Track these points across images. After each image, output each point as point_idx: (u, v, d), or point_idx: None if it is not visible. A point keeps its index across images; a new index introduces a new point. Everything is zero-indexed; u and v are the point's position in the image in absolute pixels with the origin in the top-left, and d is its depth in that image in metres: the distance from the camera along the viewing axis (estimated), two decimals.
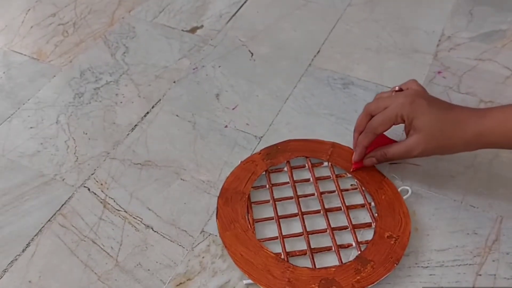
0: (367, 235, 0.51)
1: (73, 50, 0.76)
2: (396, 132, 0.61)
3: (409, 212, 0.52)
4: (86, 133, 0.63)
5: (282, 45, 0.76)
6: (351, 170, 0.56)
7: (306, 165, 0.58)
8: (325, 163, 0.58)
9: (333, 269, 0.48)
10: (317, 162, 0.58)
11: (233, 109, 0.66)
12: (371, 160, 0.56)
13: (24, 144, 0.62)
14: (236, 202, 0.53)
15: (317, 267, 0.48)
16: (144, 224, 0.53)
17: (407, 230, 0.50)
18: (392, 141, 0.57)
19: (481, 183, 0.56)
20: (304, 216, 0.53)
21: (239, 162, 0.58)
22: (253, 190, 0.55)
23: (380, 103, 0.53)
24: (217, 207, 0.53)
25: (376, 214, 0.52)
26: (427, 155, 0.51)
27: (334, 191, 0.55)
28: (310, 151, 0.59)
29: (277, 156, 0.58)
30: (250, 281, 0.47)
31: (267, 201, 0.54)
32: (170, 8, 0.84)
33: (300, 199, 0.54)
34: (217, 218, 0.52)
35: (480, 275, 0.48)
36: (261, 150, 0.59)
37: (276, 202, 0.54)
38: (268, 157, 0.58)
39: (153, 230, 0.53)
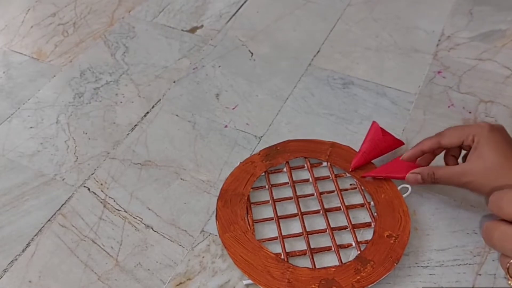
0: (367, 234, 0.51)
1: (73, 50, 0.76)
2: (396, 132, 0.61)
3: (409, 212, 0.52)
4: (86, 133, 0.63)
5: (282, 45, 0.76)
6: (350, 169, 0.56)
7: (305, 165, 0.58)
8: (324, 163, 0.58)
9: (333, 269, 0.48)
10: (316, 162, 0.58)
11: (233, 109, 0.66)
12: (415, 177, 0.52)
13: (24, 144, 0.62)
14: (235, 204, 0.53)
15: (317, 267, 0.48)
16: (144, 224, 0.53)
17: (407, 229, 0.50)
18: (397, 141, 0.57)
19: None
20: (304, 216, 0.53)
21: (238, 163, 0.58)
22: (252, 191, 0.55)
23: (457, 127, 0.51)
24: (216, 209, 0.53)
25: (376, 214, 0.52)
26: (475, 187, 0.47)
27: (333, 191, 0.55)
28: (309, 151, 0.59)
29: (276, 157, 0.58)
30: (250, 281, 0.47)
31: (267, 202, 0.54)
32: (170, 8, 0.84)
33: (299, 199, 0.54)
34: (216, 220, 0.52)
35: (480, 274, 0.48)
36: (260, 151, 0.59)
37: (276, 203, 0.54)
38: (267, 158, 0.58)
39: (153, 230, 0.53)
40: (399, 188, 0.54)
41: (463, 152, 0.52)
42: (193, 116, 0.65)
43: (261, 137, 0.62)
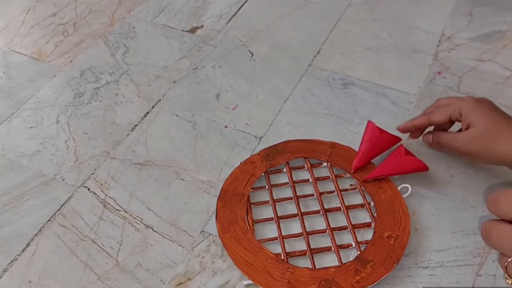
0: (367, 235, 0.51)
1: (73, 50, 0.76)
2: (396, 132, 0.61)
3: (409, 212, 0.52)
4: (86, 133, 0.63)
5: (282, 45, 0.76)
6: (352, 171, 0.56)
7: (305, 165, 0.58)
8: (324, 164, 0.58)
9: (333, 270, 0.48)
10: (316, 163, 0.58)
11: (233, 109, 0.66)
12: (428, 137, 0.57)
13: (24, 144, 0.62)
14: (235, 204, 0.53)
15: (317, 267, 0.48)
16: (144, 224, 0.53)
17: (407, 230, 0.50)
18: (394, 137, 0.57)
19: (481, 183, 0.56)
20: (304, 216, 0.53)
21: (238, 163, 0.58)
22: (252, 191, 0.55)
23: (443, 101, 0.55)
24: (216, 209, 0.53)
25: (376, 214, 0.52)
26: (471, 151, 0.51)
27: (333, 191, 0.55)
28: (309, 151, 0.59)
29: (276, 157, 0.58)
30: (250, 281, 0.47)
31: (267, 202, 0.54)
32: (170, 8, 0.84)
33: (299, 199, 0.54)
34: (216, 220, 0.52)
35: (480, 275, 0.48)
36: (260, 151, 0.59)
37: (276, 203, 0.54)
38: (267, 158, 0.58)
39: (153, 230, 0.53)
40: (399, 188, 0.55)
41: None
42: (193, 116, 0.65)
43: (261, 137, 0.62)
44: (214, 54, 0.74)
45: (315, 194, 0.55)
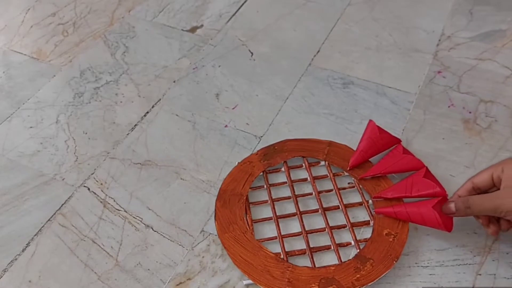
0: (366, 233, 0.51)
1: (73, 50, 0.76)
2: (396, 132, 0.61)
3: None
4: (86, 133, 0.63)
5: (282, 45, 0.76)
6: (348, 168, 0.56)
7: (303, 164, 0.58)
8: (322, 162, 0.58)
9: (333, 268, 0.48)
10: (314, 162, 0.58)
11: (233, 108, 0.66)
12: (449, 208, 0.49)
13: (23, 144, 0.62)
14: (234, 204, 0.53)
15: (316, 266, 0.48)
16: (144, 224, 0.53)
17: (406, 227, 0.51)
18: (393, 138, 0.57)
19: None
20: (303, 215, 0.53)
21: (236, 163, 0.58)
22: (251, 191, 0.55)
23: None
24: (215, 210, 0.53)
25: (374, 212, 0.52)
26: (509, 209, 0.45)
27: (331, 190, 0.55)
28: (307, 150, 0.59)
29: (274, 157, 0.58)
30: (250, 281, 0.47)
31: (265, 202, 0.54)
32: (170, 8, 0.84)
33: (298, 198, 0.54)
34: (215, 220, 0.52)
35: (480, 274, 0.48)
36: (258, 151, 0.59)
37: (274, 202, 0.54)
38: (265, 158, 0.58)
39: (153, 229, 0.53)
40: None
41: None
42: (193, 116, 0.65)
43: (261, 137, 0.62)
44: (214, 54, 0.74)
45: (313, 193, 0.55)
